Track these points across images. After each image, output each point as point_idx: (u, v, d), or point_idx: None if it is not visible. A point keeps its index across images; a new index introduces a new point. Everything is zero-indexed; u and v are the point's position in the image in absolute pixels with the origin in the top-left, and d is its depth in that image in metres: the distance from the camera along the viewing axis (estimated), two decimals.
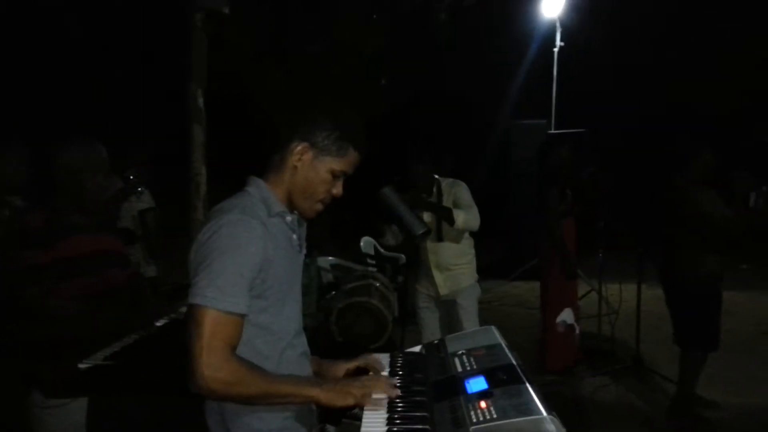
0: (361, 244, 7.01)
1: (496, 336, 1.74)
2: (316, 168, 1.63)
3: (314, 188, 1.65)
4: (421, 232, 3.50)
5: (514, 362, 1.51)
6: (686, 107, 10.89)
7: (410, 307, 5.06)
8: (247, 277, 1.51)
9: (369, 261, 6.74)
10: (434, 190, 3.93)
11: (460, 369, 1.56)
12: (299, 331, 1.73)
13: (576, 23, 9.62)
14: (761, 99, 10.85)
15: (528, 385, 1.36)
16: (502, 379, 1.41)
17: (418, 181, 3.88)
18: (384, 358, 1.82)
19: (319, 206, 1.69)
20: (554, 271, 5.04)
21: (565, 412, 4.08)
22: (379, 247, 7.22)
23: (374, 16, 6.38)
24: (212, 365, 1.42)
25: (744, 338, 5.95)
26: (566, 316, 4.97)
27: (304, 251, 1.77)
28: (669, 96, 11.24)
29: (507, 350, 1.61)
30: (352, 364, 1.77)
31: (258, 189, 1.65)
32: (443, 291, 3.94)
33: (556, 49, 9.49)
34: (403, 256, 6.87)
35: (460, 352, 1.66)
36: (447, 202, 3.86)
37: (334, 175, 1.65)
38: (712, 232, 3.87)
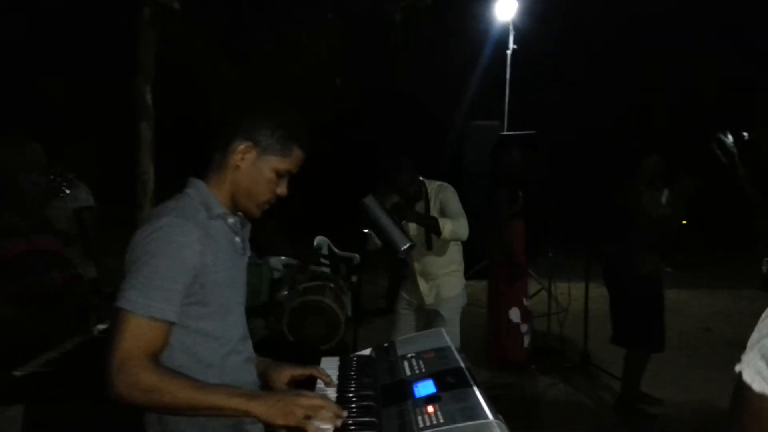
0: (315, 243, 6.95)
1: (445, 338, 1.73)
2: (259, 167, 1.59)
3: (258, 188, 1.61)
4: (405, 247, 3.40)
5: (462, 365, 1.50)
6: (637, 110, 11.21)
7: (364, 307, 5.06)
8: (180, 283, 1.46)
9: (323, 260, 6.69)
10: (422, 195, 3.71)
11: (408, 373, 1.55)
12: (244, 335, 1.69)
13: (529, 27, 9.77)
14: (712, 102, 11.24)
15: (475, 388, 1.35)
16: (450, 383, 1.40)
17: (406, 189, 3.65)
18: (333, 362, 1.80)
19: (265, 206, 1.65)
20: (502, 271, 5.12)
21: (515, 411, 4.14)
22: (332, 247, 7.19)
23: (329, 16, 6.34)
24: (130, 372, 1.36)
25: (687, 336, 6.15)
26: (513, 315, 5.05)
27: (248, 253, 1.73)
28: (620, 98, 11.54)
29: (456, 353, 1.61)
30: (298, 371, 1.72)
31: (198, 190, 1.60)
32: (428, 300, 3.75)
33: (509, 52, 9.63)
34: (357, 255, 6.85)
35: (410, 355, 1.65)
36: (434, 207, 3.67)
37: (279, 175, 1.61)
38: (653, 232, 3.96)
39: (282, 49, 6.20)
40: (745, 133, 11.63)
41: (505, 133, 8.98)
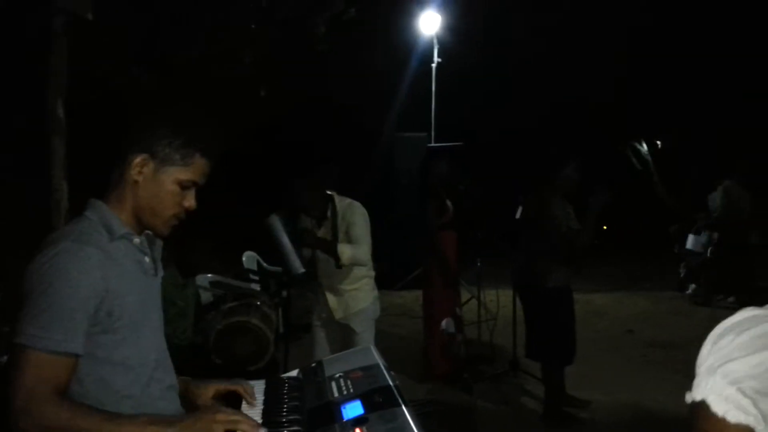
0: (244, 259, 6.80)
1: (374, 356, 1.70)
2: (159, 180, 1.49)
3: (161, 203, 1.50)
4: (299, 272, 3.38)
5: (390, 383, 1.47)
6: (555, 121, 11.61)
7: (295, 323, 4.96)
8: (82, 312, 1.36)
9: (252, 277, 6.55)
10: (329, 213, 3.65)
11: (336, 394, 1.50)
12: (163, 362, 1.59)
13: (451, 41, 9.98)
14: (625, 111, 11.76)
15: (404, 407, 1.33)
16: (378, 403, 1.37)
17: (308, 206, 3.62)
18: (259, 386, 1.73)
19: (172, 221, 1.55)
20: (435, 281, 5.16)
21: (449, 420, 4.13)
22: (262, 262, 7.05)
23: (252, 26, 6.24)
24: (36, 413, 1.26)
25: (611, 338, 6.36)
26: (447, 324, 5.08)
27: (161, 273, 1.64)
28: (540, 110, 11.92)
29: (384, 370, 1.57)
30: (222, 386, 1.66)
31: (97, 212, 1.49)
32: (337, 315, 3.73)
33: (434, 65, 9.81)
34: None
35: (338, 375, 1.60)
36: (341, 226, 3.63)
37: (183, 186, 1.51)
38: (561, 245, 3.98)
39: (203, 57, 6.05)
40: (658, 142, 12.24)
41: (432, 144, 9.11)
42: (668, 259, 9.08)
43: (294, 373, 1.82)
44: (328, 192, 3.67)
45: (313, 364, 1.77)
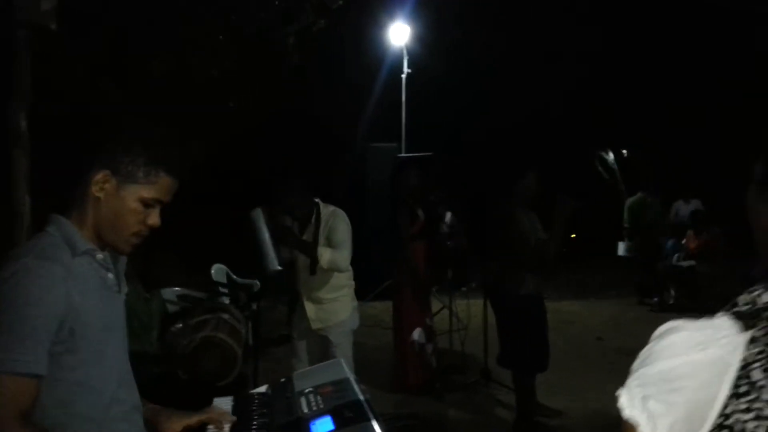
0: (212, 272, 6.71)
1: (344, 370, 1.68)
2: (121, 198, 1.45)
3: (123, 220, 1.46)
4: (273, 270, 3.36)
5: (361, 398, 1.46)
6: (523, 131, 11.76)
7: (265, 336, 4.91)
8: (45, 331, 1.32)
9: (221, 290, 6.46)
10: (313, 218, 3.69)
11: (306, 410, 1.48)
12: (127, 382, 1.55)
13: (421, 52, 10.06)
14: (596, 123, 11.95)
15: (374, 422, 1.32)
16: (348, 418, 1.36)
17: (295, 210, 3.65)
18: (227, 402, 1.70)
19: (133, 239, 1.51)
20: (406, 292, 5.15)
21: (423, 421, 4.12)
22: (231, 274, 6.96)
23: (220, 37, 6.20)
24: None
25: (581, 346, 6.42)
26: (418, 335, 5.08)
27: (125, 289, 1.60)
28: (508, 119, 12.07)
29: (355, 384, 1.56)
30: (193, 419, 1.60)
31: (59, 227, 1.45)
32: (315, 325, 3.73)
33: (404, 76, 9.87)
34: (257, 282, 6.67)
35: (307, 390, 1.58)
36: (323, 232, 3.65)
37: (146, 204, 1.47)
38: (529, 254, 4.02)
39: (171, 70, 5.98)
40: (624, 151, 12.45)
41: (402, 155, 9.14)
42: (635, 267, 9.22)
43: (263, 388, 1.79)
44: (315, 199, 3.70)
45: (283, 380, 1.75)
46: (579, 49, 11.51)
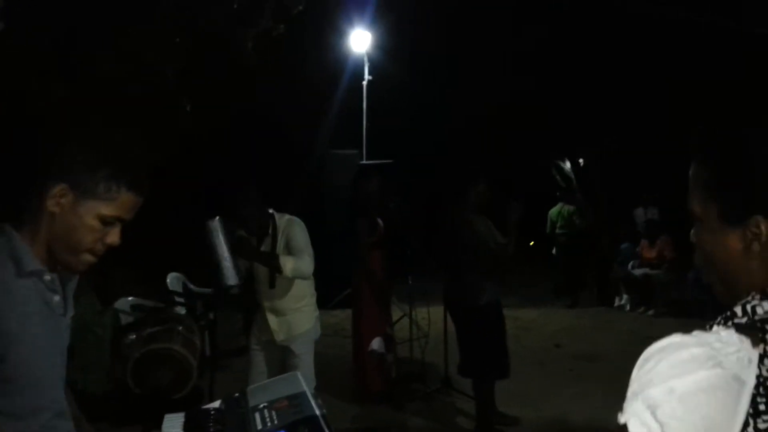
0: (168, 280, 6.55)
1: (300, 383, 1.63)
2: (78, 214, 1.32)
3: (79, 238, 1.34)
4: (232, 284, 3.26)
5: (317, 413, 1.41)
6: (472, 140, 11.90)
7: (223, 347, 4.80)
8: None
9: (177, 299, 6.31)
10: (270, 229, 3.59)
11: (260, 426, 1.43)
12: (60, 411, 1.44)
13: (382, 59, 10.08)
14: (543, 133, 12.12)
15: None
16: None
17: (250, 222, 3.54)
18: (178, 420, 1.63)
19: (89, 258, 1.39)
20: (365, 300, 5.12)
21: None
22: (188, 283, 6.81)
23: (177, 39, 6.07)
24: None
25: (539, 353, 6.48)
26: (377, 344, 5.05)
27: (71, 312, 1.48)
28: (467, 126, 12.19)
29: (311, 399, 1.51)
30: None
31: (7, 241, 1.33)
32: (279, 337, 3.64)
33: (365, 82, 9.86)
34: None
35: (262, 405, 1.53)
36: (281, 242, 3.57)
37: (105, 222, 1.35)
38: (488, 260, 4.06)
39: (125, 71, 5.82)
40: (581, 159, 12.69)
41: (363, 162, 9.12)
42: (591, 274, 9.38)
43: (216, 404, 1.72)
44: (269, 210, 3.62)
45: (237, 394, 1.69)
46: (538, 57, 11.70)
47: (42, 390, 1.37)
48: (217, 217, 3.24)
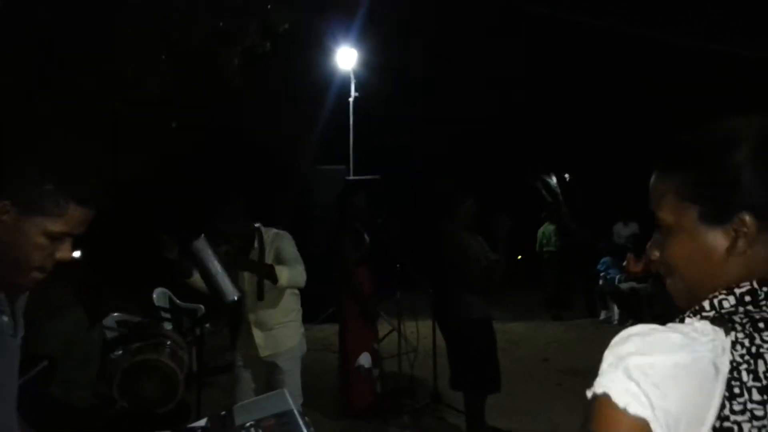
0: (154, 296, 6.51)
1: (288, 401, 1.61)
2: (22, 231, 1.22)
3: (25, 257, 1.24)
4: (232, 299, 3.20)
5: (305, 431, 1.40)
6: (461, 155, 11.97)
7: (210, 363, 4.76)
8: None
9: (163, 315, 6.27)
10: (256, 243, 3.56)
11: None
12: None
13: (368, 76, 10.16)
14: (532, 146, 12.22)
15: None
16: None
17: (233, 238, 3.49)
18: None
19: (36, 275, 1.28)
20: (351, 316, 5.11)
21: None
22: (174, 299, 6.77)
23: (162, 56, 6.06)
24: None
25: (528, 367, 6.48)
26: (364, 360, 5.03)
27: (22, 332, 1.38)
28: (447, 144, 12.27)
29: (299, 417, 1.49)
30: None
31: None
32: (264, 352, 3.59)
33: (351, 99, 9.93)
34: (202, 306, 6.50)
35: (248, 424, 1.51)
36: (269, 256, 3.54)
37: (53, 238, 1.25)
38: (480, 276, 4.06)
39: (108, 86, 5.78)
40: (567, 175, 12.79)
41: (350, 177, 9.14)
42: (579, 288, 9.43)
43: (202, 422, 1.71)
44: (256, 224, 3.59)
45: (223, 412, 1.67)
46: (522, 74, 11.83)
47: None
48: (202, 235, 3.21)
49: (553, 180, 12.81)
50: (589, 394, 0.81)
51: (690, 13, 9.08)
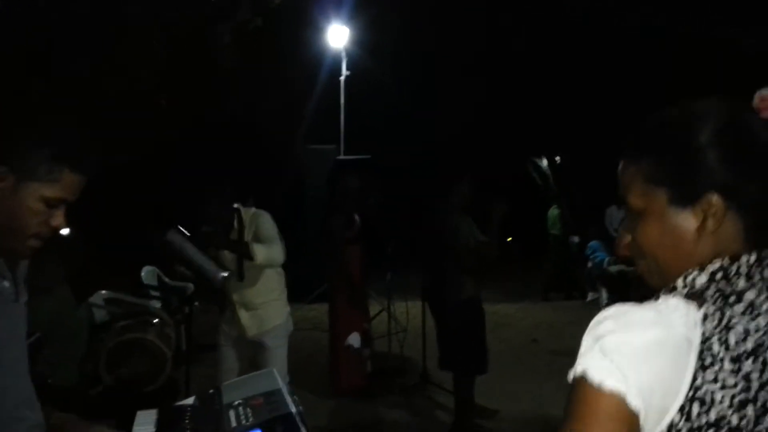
0: (143, 274, 6.46)
1: (276, 380, 1.60)
2: (20, 197, 1.28)
3: (22, 222, 1.30)
4: (221, 278, 3.22)
5: (292, 410, 1.38)
6: (453, 136, 11.92)
7: (199, 341, 4.75)
8: None
9: (152, 293, 6.23)
10: (235, 223, 3.55)
11: (234, 424, 1.40)
12: (25, 400, 1.39)
13: (361, 54, 10.06)
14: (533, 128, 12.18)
15: None
16: None
17: (215, 216, 3.49)
18: (150, 416, 1.60)
19: (34, 242, 1.34)
20: (341, 296, 5.11)
21: None
22: (163, 277, 6.73)
23: (153, 34, 5.97)
24: None
25: (516, 348, 6.52)
26: (353, 340, 5.04)
27: (25, 298, 1.43)
28: (445, 123, 12.20)
29: (287, 396, 1.48)
30: None
31: None
32: (250, 332, 3.59)
33: (342, 78, 9.83)
34: (191, 285, 6.48)
35: (236, 402, 1.49)
36: (248, 235, 3.52)
37: (49, 204, 1.31)
38: (469, 258, 4.09)
39: (100, 67, 5.72)
40: (557, 157, 12.78)
41: (341, 157, 9.10)
42: (555, 271, 9.49)
43: (190, 400, 1.69)
44: (235, 205, 3.57)
45: (211, 391, 1.66)
46: (517, 53, 11.76)
47: (3, 378, 1.33)
48: (172, 229, 3.22)
49: (544, 162, 12.81)
50: (570, 376, 0.84)
51: None
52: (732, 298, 0.83)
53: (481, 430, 4.36)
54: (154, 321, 4.11)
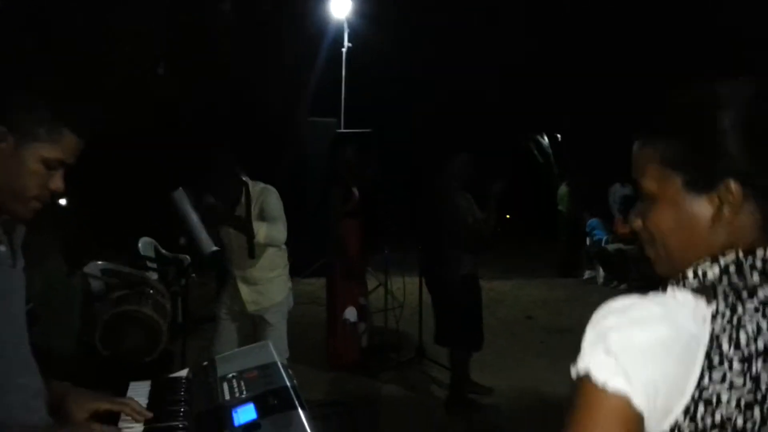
0: (139, 245, 6.44)
1: (271, 353, 1.59)
2: (21, 158, 1.28)
3: (22, 183, 1.29)
4: (209, 251, 3.17)
5: (287, 383, 1.37)
6: (455, 113, 11.81)
7: (196, 313, 4.76)
8: None
9: (149, 264, 6.22)
10: (243, 198, 3.51)
11: (228, 396, 1.39)
12: (25, 368, 1.38)
13: (363, 25, 9.92)
14: (522, 108, 12.07)
15: (300, 410, 1.24)
16: (272, 405, 1.27)
17: (222, 189, 3.45)
18: (143, 387, 1.59)
19: (34, 204, 1.33)
20: (339, 270, 5.11)
21: (352, 409, 4.08)
22: (160, 248, 6.71)
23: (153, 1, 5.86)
24: None
25: (511, 324, 6.54)
26: (350, 314, 5.05)
27: (22, 263, 1.42)
28: (440, 101, 12.08)
29: (282, 369, 1.47)
30: (103, 405, 1.45)
31: None
32: (251, 307, 3.57)
33: (344, 50, 9.70)
34: (188, 257, 6.46)
35: (230, 375, 1.49)
36: (255, 210, 3.48)
37: (49, 166, 1.31)
38: (467, 234, 4.09)
39: (98, 36, 5.63)
40: (558, 135, 12.71)
41: (341, 131, 9.03)
42: (566, 248, 9.47)
43: (183, 372, 1.68)
44: (243, 178, 3.52)
45: (205, 363, 1.65)
46: (518, 30, 11.59)
47: (3, 345, 1.32)
48: (180, 188, 3.16)
49: (545, 140, 12.72)
50: (573, 373, 0.81)
51: None
52: (745, 294, 0.79)
53: (476, 405, 4.38)
54: (150, 293, 4.10)
